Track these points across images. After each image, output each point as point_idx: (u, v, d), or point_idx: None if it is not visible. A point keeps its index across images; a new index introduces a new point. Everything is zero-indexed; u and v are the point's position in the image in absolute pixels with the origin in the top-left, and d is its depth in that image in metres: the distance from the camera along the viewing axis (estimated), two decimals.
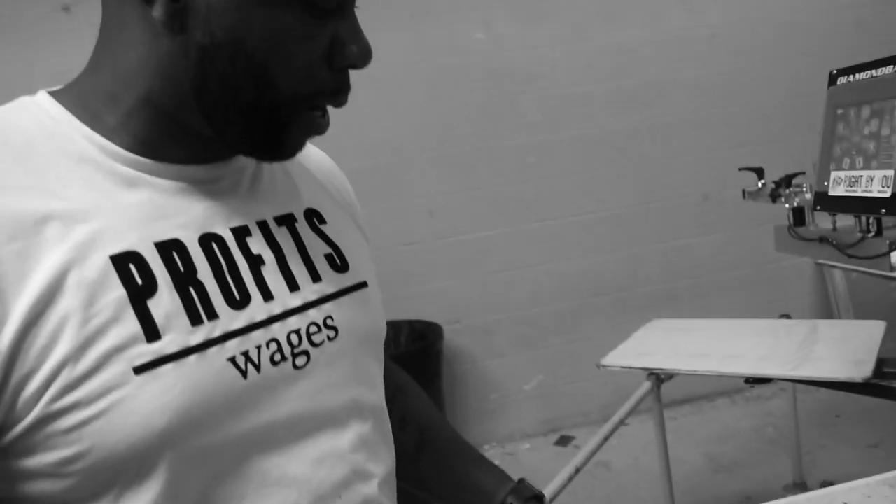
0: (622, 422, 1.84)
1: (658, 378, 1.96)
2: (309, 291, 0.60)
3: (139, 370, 0.49)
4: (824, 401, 3.06)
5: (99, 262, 0.50)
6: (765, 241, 2.27)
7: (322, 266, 0.62)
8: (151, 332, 0.50)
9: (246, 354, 0.54)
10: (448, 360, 2.98)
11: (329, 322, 0.60)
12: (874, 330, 1.61)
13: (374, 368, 0.67)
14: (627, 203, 3.10)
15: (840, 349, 1.53)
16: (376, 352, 0.68)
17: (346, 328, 0.61)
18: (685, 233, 3.17)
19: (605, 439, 1.76)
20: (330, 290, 0.62)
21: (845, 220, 2.11)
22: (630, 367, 1.58)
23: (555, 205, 3.05)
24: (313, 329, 0.59)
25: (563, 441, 3.09)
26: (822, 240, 2.10)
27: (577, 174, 3.05)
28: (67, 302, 0.48)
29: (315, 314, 0.59)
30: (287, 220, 0.62)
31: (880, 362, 1.44)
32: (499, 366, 3.12)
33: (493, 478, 0.78)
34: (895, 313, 3.31)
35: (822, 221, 2.24)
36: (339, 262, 0.64)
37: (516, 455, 3.05)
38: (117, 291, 0.49)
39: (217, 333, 0.53)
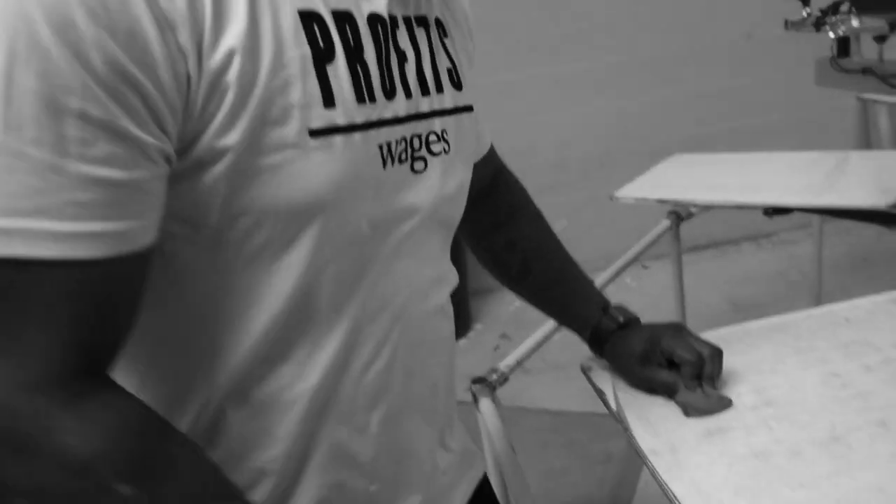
0: (637, 259, 1.81)
1: (677, 216, 1.91)
2: (435, 100, 0.60)
3: (315, 134, 0.49)
4: (854, 244, 3.00)
5: (289, 14, 0.49)
6: (806, 80, 2.13)
7: (445, 79, 0.62)
8: (328, 97, 0.50)
9: (389, 146, 0.55)
10: None
11: (445, 135, 0.61)
12: None
13: (466, 192, 0.69)
14: (664, 45, 2.91)
15: (869, 178, 1.45)
16: (469, 174, 0.68)
17: (456, 146, 0.63)
18: (723, 74, 3.00)
19: (618, 272, 1.73)
20: (448, 104, 0.62)
21: (892, 53, 1.96)
22: (644, 199, 1.52)
23: (586, 46, 2.88)
24: (433, 138, 0.60)
25: None
26: (866, 71, 1.96)
27: (611, 11, 2.86)
28: (263, 47, 0.47)
29: (438, 124, 0.60)
30: (423, 23, 0.61)
31: None
32: None
33: (587, 307, 0.85)
34: None
35: (867, 52, 2.09)
36: (456, 79, 0.64)
37: None
38: (304, 49, 0.49)
39: (374, 118, 0.54)
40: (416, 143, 0.58)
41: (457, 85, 0.64)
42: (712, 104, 3.02)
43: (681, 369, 0.77)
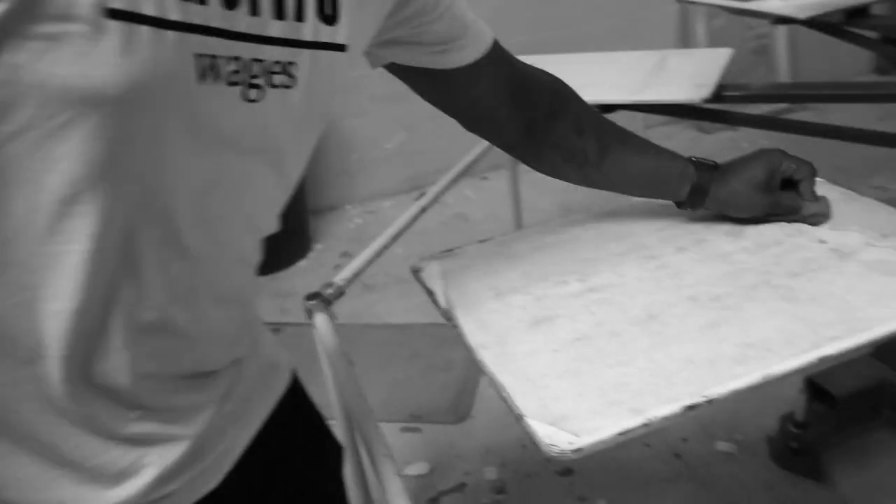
0: (469, 170, 1.81)
1: None
2: (289, 27, 0.51)
3: (114, 15, 0.41)
4: (674, 149, 3.18)
5: None
6: None
7: (310, 7, 0.53)
8: None
9: (214, 60, 0.46)
10: None
11: (291, 70, 0.52)
12: (720, 56, 1.59)
13: (309, 148, 0.61)
14: None
15: (685, 75, 1.50)
16: (316, 123, 0.60)
17: (304, 84, 0.54)
18: None
19: (453, 182, 1.72)
20: (308, 35, 0.53)
21: None
22: None
23: None
24: (276, 68, 0.51)
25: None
26: None
27: None
28: None
29: (287, 53, 0.51)
30: None
31: (721, 87, 1.43)
32: (360, 124, 3.00)
33: (677, 163, 0.84)
34: (751, 55, 3.38)
35: None
36: (331, 11, 0.54)
37: (377, 213, 3.05)
38: None
39: (198, 21, 0.45)
40: (255, 67, 0.49)
41: (328, 18, 0.54)
42: (546, 10, 3.04)
43: (800, 186, 0.84)
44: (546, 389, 0.63)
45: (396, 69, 0.75)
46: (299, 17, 0.52)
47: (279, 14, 0.50)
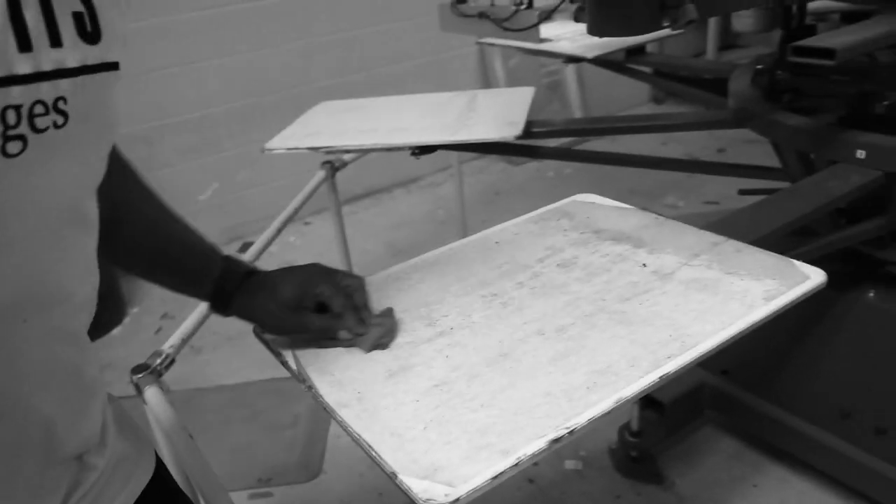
0: (296, 215, 1.77)
1: (332, 166, 1.91)
2: (45, 58, 0.43)
3: None
4: (487, 181, 3.32)
5: None
6: (433, 26, 2.24)
7: (67, 28, 0.45)
8: None
9: None
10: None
11: (60, 105, 0.45)
12: (525, 95, 1.69)
13: (102, 170, 0.53)
14: None
15: (495, 114, 1.58)
16: (99, 160, 0.53)
17: (80, 117, 0.46)
18: (357, 22, 3.05)
19: (279, 230, 1.68)
20: (71, 62, 0.45)
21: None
22: (296, 147, 1.48)
23: None
24: (39, 110, 0.43)
25: (246, 248, 3.00)
26: (482, 15, 2.13)
27: None
28: None
29: (47, 90, 0.43)
30: None
31: (529, 124, 1.51)
32: (168, 176, 2.86)
33: (208, 259, 0.76)
34: (545, 90, 3.61)
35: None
36: (90, 29, 0.47)
37: None
38: None
39: None
40: (10, 117, 0.42)
41: (90, 37, 0.47)
42: (348, 53, 3.07)
43: (335, 310, 0.76)
44: (414, 442, 0.62)
45: None
46: (55, 41, 0.44)
47: (25, 44, 0.42)
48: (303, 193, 1.83)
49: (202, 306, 1.29)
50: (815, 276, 0.81)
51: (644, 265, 0.87)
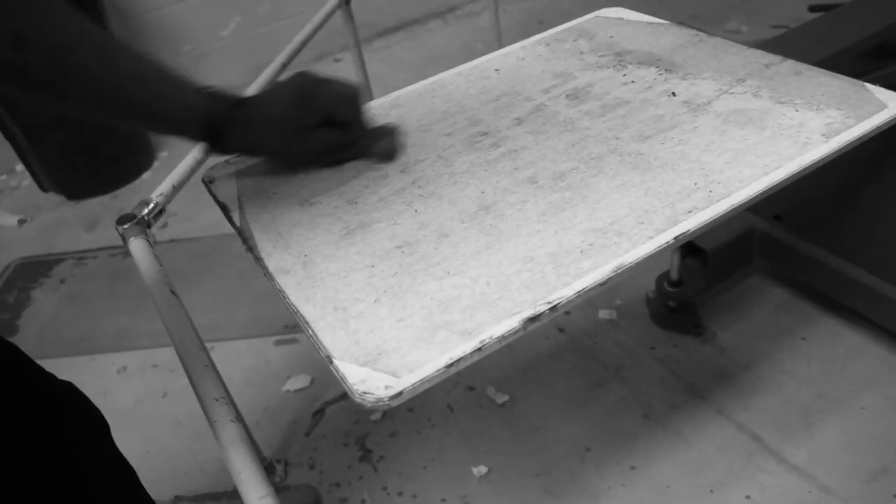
0: (304, 46, 1.60)
1: None
2: None
3: None
4: (530, 9, 3.04)
5: None
6: None
7: None
8: None
9: None
10: (116, 11, 2.48)
11: None
12: None
13: None
14: None
15: None
16: None
17: None
18: None
19: (284, 66, 1.53)
20: None
21: None
22: None
23: None
24: None
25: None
26: None
27: None
28: None
29: None
30: None
31: None
32: (186, 10, 2.67)
33: (183, 90, 0.64)
34: None
35: None
36: None
37: None
38: None
39: None
40: None
41: None
42: None
43: (340, 118, 0.65)
44: (360, 318, 0.51)
45: None
46: None
47: None
48: (311, 23, 1.65)
49: (195, 149, 1.18)
50: (893, 104, 0.63)
51: (673, 94, 0.69)
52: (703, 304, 1.50)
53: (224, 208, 0.66)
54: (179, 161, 1.06)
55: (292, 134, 0.65)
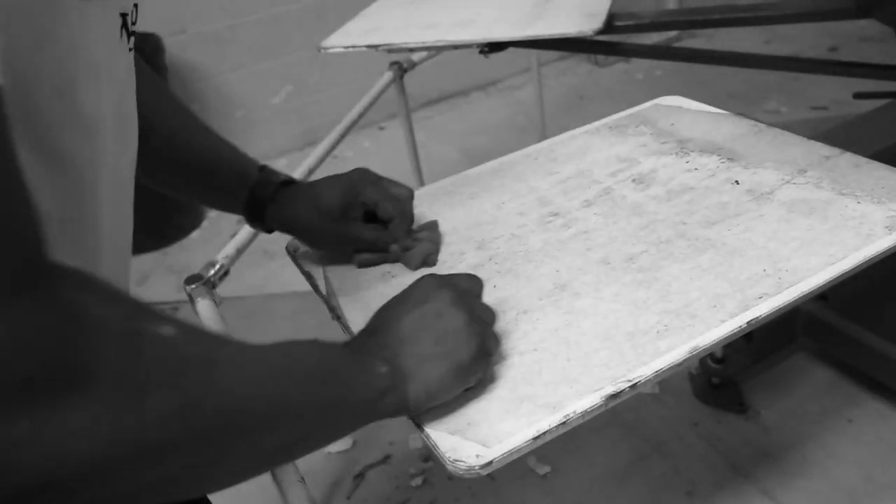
0: (361, 118, 1.67)
1: (400, 66, 1.79)
2: None
3: None
4: (570, 84, 3.12)
5: None
6: None
7: None
8: None
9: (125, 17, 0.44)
10: (176, 77, 2.60)
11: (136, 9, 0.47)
12: None
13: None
14: None
15: (573, 5, 1.41)
16: None
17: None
18: None
19: (345, 133, 1.59)
20: None
21: None
22: (354, 46, 1.37)
23: None
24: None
25: None
26: None
27: None
28: None
29: None
30: None
31: (612, 17, 1.34)
32: (239, 79, 2.79)
33: (240, 164, 0.70)
34: None
35: None
36: None
37: None
38: None
39: None
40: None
41: None
42: None
43: (382, 216, 0.68)
44: None
45: None
46: None
47: None
48: (368, 96, 1.72)
49: None
50: None
51: (737, 182, 0.73)
52: (747, 381, 1.50)
53: (307, 275, 0.70)
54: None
55: (330, 222, 0.68)
